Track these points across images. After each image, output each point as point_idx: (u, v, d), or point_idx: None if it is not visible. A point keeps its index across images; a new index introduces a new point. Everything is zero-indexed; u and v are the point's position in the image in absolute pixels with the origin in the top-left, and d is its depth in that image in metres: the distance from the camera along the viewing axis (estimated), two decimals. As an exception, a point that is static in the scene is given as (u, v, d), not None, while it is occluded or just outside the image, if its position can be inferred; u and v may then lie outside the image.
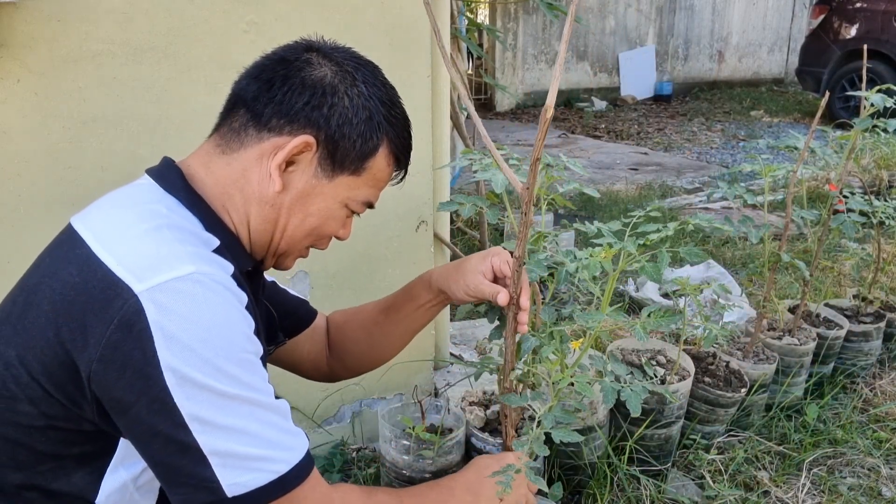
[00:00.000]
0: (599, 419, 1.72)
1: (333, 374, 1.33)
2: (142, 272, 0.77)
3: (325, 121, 0.92)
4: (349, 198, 0.97)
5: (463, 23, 2.89)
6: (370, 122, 0.94)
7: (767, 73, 11.72)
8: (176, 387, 0.75)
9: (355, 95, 0.94)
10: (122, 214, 0.86)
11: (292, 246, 0.99)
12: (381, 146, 0.97)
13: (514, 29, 9.05)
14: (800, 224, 2.00)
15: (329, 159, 0.94)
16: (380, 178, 0.99)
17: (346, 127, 0.93)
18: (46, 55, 1.33)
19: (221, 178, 0.93)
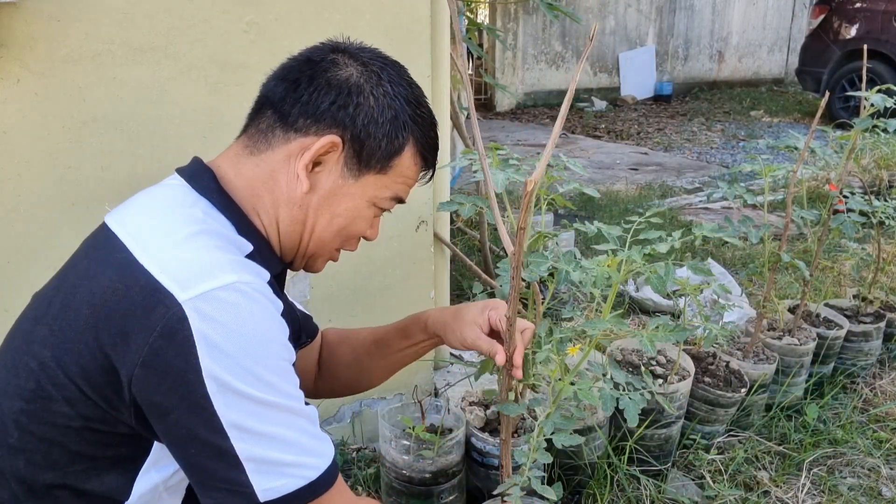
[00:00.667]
0: (599, 419, 1.72)
1: (318, 392, 1.33)
2: (185, 281, 0.78)
3: (351, 120, 0.92)
4: (376, 196, 0.98)
5: (463, 23, 2.89)
6: (395, 121, 0.95)
7: (767, 73, 11.72)
8: (217, 394, 0.76)
9: (381, 95, 0.94)
10: (160, 218, 0.87)
11: (321, 247, 1.00)
12: (407, 145, 0.97)
13: (514, 29, 9.05)
14: (800, 224, 2.00)
15: (355, 158, 0.94)
16: (407, 176, 1.00)
17: (372, 126, 0.93)
18: (46, 55, 1.33)
19: (251, 179, 0.94)
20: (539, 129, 7.90)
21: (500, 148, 1.23)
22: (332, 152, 0.93)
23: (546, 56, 9.43)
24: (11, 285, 1.39)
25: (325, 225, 0.97)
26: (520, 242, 0.97)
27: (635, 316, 2.81)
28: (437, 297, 1.94)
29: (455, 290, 2.55)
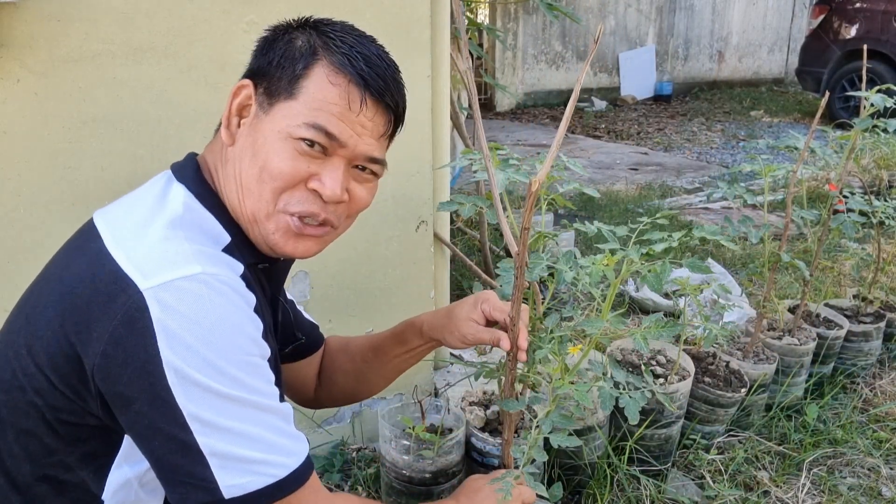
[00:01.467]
0: (599, 419, 1.72)
1: (318, 401, 1.32)
2: (149, 269, 0.77)
3: (257, 59, 0.92)
4: (287, 124, 0.87)
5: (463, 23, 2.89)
6: (301, 47, 0.90)
7: (767, 73, 11.72)
8: (177, 386, 0.75)
9: (294, 33, 0.92)
10: (138, 210, 0.86)
11: (257, 202, 0.88)
12: (316, 64, 0.88)
13: (514, 29, 9.05)
14: (800, 224, 2.00)
15: (265, 95, 0.90)
16: (324, 100, 0.87)
17: (278, 58, 0.90)
18: (46, 55, 1.33)
19: (210, 155, 0.95)
20: (539, 129, 7.90)
21: (501, 148, 1.23)
22: (250, 103, 0.90)
23: (546, 56, 9.43)
24: (11, 285, 1.39)
25: (247, 167, 0.88)
26: (523, 242, 0.97)
27: (635, 316, 2.81)
28: (437, 297, 1.94)
29: (455, 290, 2.55)
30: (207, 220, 0.88)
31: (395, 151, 1.76)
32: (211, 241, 0.86)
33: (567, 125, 0.89)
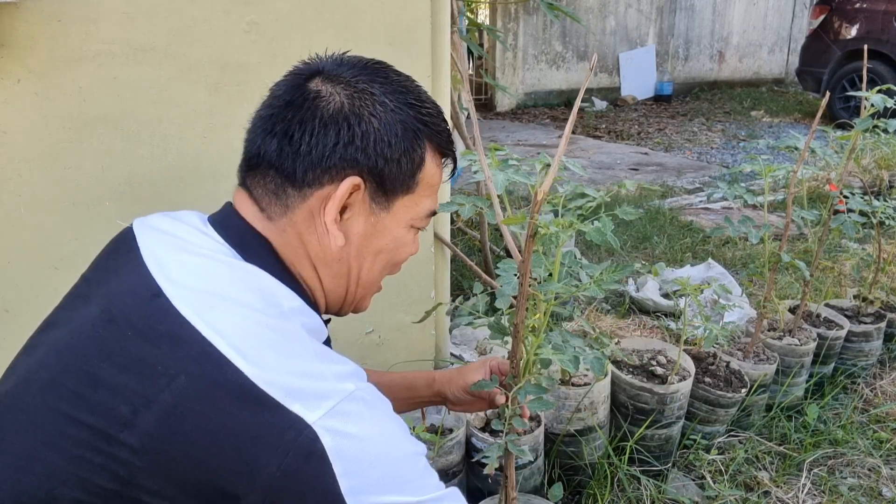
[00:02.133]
0: (600, 419, 1.72)
1: None
2: (310, 400, 0.72)
3: (363, 153, 0.84)
4: (412, 218, 0.91)
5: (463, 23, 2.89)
6: (406, 133, 0.86)
7: (768, 73, 11.72)
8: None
9: (381, 113, 0.85)
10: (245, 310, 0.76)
11: (370, 288, 0.96)
12: (426, 152, 0.89)
13: (514, 29, 9.05)
14: (800, 224, 2.00)
15: (380, 190, 0.86)
16: (434, 184, 0.92)
17: (387, 150, 0.85)
18: (47, 55, 1.33)
19: (283, 247, 0.87)
20: (539, 129, 7.90)
21: (500, 148, 1.23)
22: (356, 193, 0.85)
23: (546, 56, 9.43)
24: (11, 285, 1.39)
25: (370, 266, 0.91)
26: (528, 250, 0.97)
27: (636, 316, 2.81)
28: (437, 297, 1.94)
29: (455, 290, 2.55)
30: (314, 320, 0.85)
31: (396, 151, 1.76)
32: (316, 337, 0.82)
33: (570, 132, 0.89)
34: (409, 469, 0.78)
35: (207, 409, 0.70)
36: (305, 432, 0.71)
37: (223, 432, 0.70)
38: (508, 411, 1.14)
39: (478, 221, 2.90)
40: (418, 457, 0.80)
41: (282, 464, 0.70)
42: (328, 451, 0.71)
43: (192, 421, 0.70)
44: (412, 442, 0.81)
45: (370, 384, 0.80)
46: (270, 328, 0.75)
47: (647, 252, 3.60)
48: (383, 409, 0.79)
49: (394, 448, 0.77)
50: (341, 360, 0.81)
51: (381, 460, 0.75)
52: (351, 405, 0.74)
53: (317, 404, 0.72)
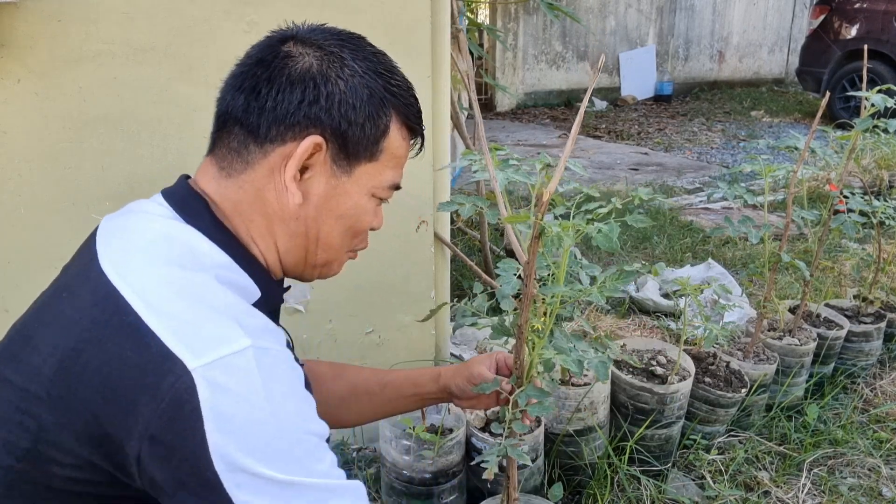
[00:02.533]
0: (600, 419, 1.72)
1: None
2: (197, 346, 0.71)
3: (327, 114, 0.84)
4: (374, 187, 0.90)
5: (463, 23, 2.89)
6: (372, 99, 0.86)
7: (768, 73, 11.72)
8: (227, 473, 0.69)
9: (349, 76, 0.85)
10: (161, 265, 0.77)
11: (332, 253, 0.93)
12: (392, 122, 0.89)
13: (514, 29, 9.05)
14: (800, 224, 2.00)
15: (342, 153, 0.86)
16: (398, 156, 0.92)
17: (351, 113, 0.85)
18: (47, 55, 1.33)
19: (238, 204, 0.86)
20: (539, 129, 7.90)
21: (501, 148, 1.23)
22: (317, 153, 0.85)
23: (546, 56, 9.43)
24: (11, 285, 1.39)
25: (330, 230, 0.90)
26: (532, 252, 0.98)
27: (636, 316, 2.81)
28: (437, 297, 1.94)
29: (455, 290, 2.55)
30: (240, 276, 0.83)
31: (396, 151, 1.76)
32: (244, 297, 0.81)
33: (576, 133, 0.89)
34: (292, 445, 0.73)
35: (100, 350, 0.72)
36: (184, 378, 0.69)
37: (112, 374, 0.71)
38: (509, 415, 1.14)
39: (478, 221, 2.90)
40: (310, 436, 0.75)
41: (157, 409, 0.69)
42: (202, 403, 0.68)
43: (86, 362, 0.72)
44: (308, 419, 0.76)
45: (281, 348, 0.77)
46: (180, 278, 0.76)
47: (647, 252, 3.60)
48: (282, 376, 0.74)
49: (279, 417, 0.72)
50: (253, 317, 0.78)
51: (259, 426, 0.70)
52: (241, 360, 0.71)
53: (202, 352, 0.70)
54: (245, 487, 0.69)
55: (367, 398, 1.23)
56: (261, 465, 0.70)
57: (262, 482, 0.70)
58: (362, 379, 1.25)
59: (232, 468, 0.69)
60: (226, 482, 0.69)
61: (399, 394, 1.23)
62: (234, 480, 0.69)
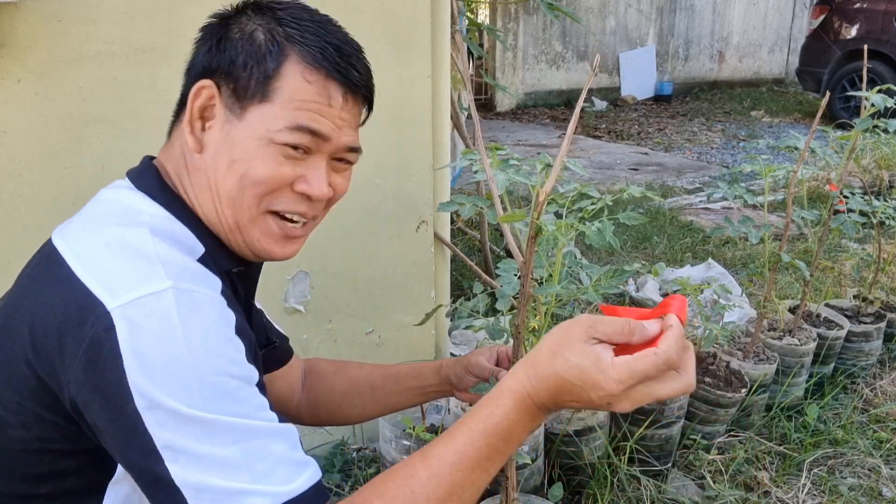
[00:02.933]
0: (599, 419, 1.72)
1: (299, 417, 1.25)
2: (116, 287, 0.72)
3: (216, 59, 0.84)
4: (268, 130, 0.83)
5: (463, 23, 2.89)
6: (265, 42, 0.84)
7: (768, 73, 11.72)
8: (146, 410, 0.69)
9: (248, 23, 0.85)
10: (101, 226, 0.81)
11: (237, 209, 0.85)
12: (286, 61, 0.83)
13: (514, 29, 9.05)
14: (800, 224, 2.00)
15: (233, 97, 0.84)
16: (302, 99, 0.84)
17: (241, 56, 0.83)
18: (47, 55, 1.33)
19: (171, 164, 0.89)
20: (539, 129, 7.90)
21: (501, 148, 1.23)
22: (214, 104, 0.84)
23: (546, 56, 9.43)
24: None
25: (224, 178, 0.84)
26: (530, 251, 0.98)
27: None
28: (437, 297, 1.94)
29: (455, 290, 2.55)
30: (178, 230, 0.83)
31: (395, 151, 1.76)
32: (186, 252, 0.81)
33: (572, 133, 0.89)
34: (212, 383, 0.71)
35: (33, 302, 0.76)
36: (103, 318, 0.70)
37: (41, 322, 0.74)
38: None
39: (478, 221, 2.90)
40: (231, 378, 0.74)
41: (79, 350, 0.70)
42: (121, 342, 0.69)
43: (21, 315, 0.76)
44: (231, 361, 0.75)
45: (208, 292, 0.77)
46: (114, 234, 0.78)
47: (647, 252, 3.60)
48: (202, 317, 0.74)
49: (197, 357, 0.71)
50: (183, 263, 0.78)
51: (177, 364, 0.70)
52: (160, 301, 0.71)
53: (121, 292, 0.71)
54: (165, 426, 0.69)
55: (369, 392, 1.22)
56: (178, 402, 0.69)
57: (182, 420, 0.69)
58: (364, 373, 1.24)
59: (151, 405, 0.69)
60: (146, 419, 0.69)
61: (401, 387, 1.22)
62: (154, 418, 0.69)
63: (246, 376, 0.76)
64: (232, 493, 0.70)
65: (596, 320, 0.78)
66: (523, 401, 0.78)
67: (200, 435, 0.70)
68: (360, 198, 1.73)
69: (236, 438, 0.71)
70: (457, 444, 0.78)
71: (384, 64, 1.64)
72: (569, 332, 0.77)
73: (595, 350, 0.75)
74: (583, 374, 0.74)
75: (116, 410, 0.70)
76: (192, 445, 0.70)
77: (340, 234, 1.73)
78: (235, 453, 0.71)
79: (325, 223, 1.01)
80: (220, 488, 0.70)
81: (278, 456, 0.74)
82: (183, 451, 0.70)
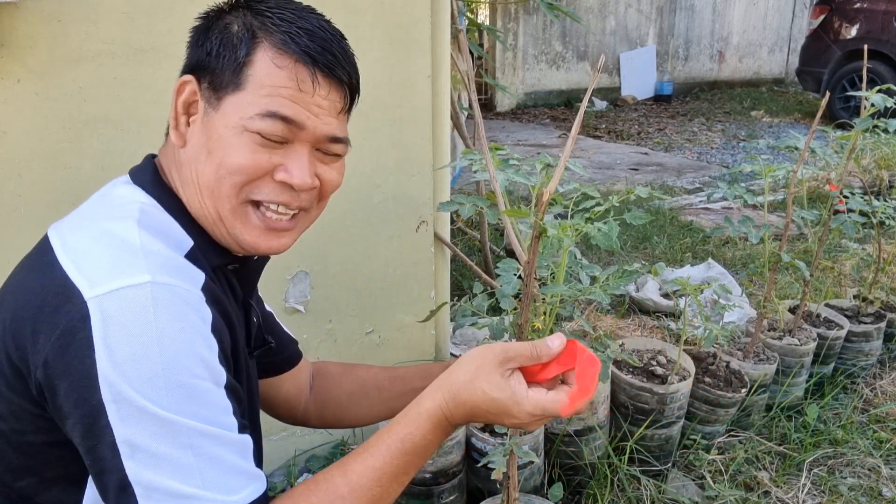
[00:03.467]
0: (600, 419, 1.72)
1: (307, 420, 1.26)
2: (95, 277, 0.73)
3: (197, 52, 0.86)
4: (241, 118, 0.82)
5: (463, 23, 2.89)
6: (238, 33, 0.84)
7: (768, 73, 11.72)
8: (111, 403, 0.70)
9: (226, 17, 0.86)
10: (92, 218, 0.82)
11: (218, 200, 0.85)
12: (257, 49, 0.83)
13: (514, 29, 9.05)
14: (800, 224, 2.00)
15: (210, 90, 0.85)
16: (273, 85, 0.83)
17: (211, 46, 0.85)
18: (47, 55, 1.33)
19: (166, 160, 0.90)
20: (539, 129, 7.90)
21: (501, 148, 1.23)
22: (195, 99, 0.85)
23: (546, 56, 9.43)
24: (11, 285, 1.39)
25: (203, 168, 0.84)
26: (533, 251, 0.98)
27: (635, 316, 2.81)
28: (437, 297, 1.94)
29: (455, 290, 2.55)
30: (168, 223, 0.84)
31: (395, 151, 1.76)
32: (173, 246, 0.81)
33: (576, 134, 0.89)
34: (179, 384, 0.72)
35: (19, 287, 0.78)
36: (79, 307, 0.71)
37: (20, 307, 0.76)
38: None
39: (478, 221, 2.90)
40: (199, 380, 0.74)
41: (52, 336, 0.71)
42: (94, 333, 0.70)
43: (8, 301, 0.78)
44: (201, 362, 0.75)
45: (187, 287, 0.77)
46: (102, 225, 0.80)
47: (647, 252, 3.60)
48: (178, 314, 0.74)
49: (168, 355, 0.71)
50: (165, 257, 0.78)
51: (147, 361, 0.70)
52: (136, 294, 0.72)
53: (99, 283, 0.72)
54: (126, 420, 0.70)
55: (376, 393, 1.22)
56: (144, 399, 0.70)
57: (144, 416, 0.70)
58: (371, 375, 1.24)
59: (117, 398, 0.70)
60: (110, 412, 0.70)
61: (408, 387, 1.22)
62: (119, 412, 0.70)
63: (215, 378, 0.76)
64: (181, 496, 0.71)
65: (506, 348, 0.85)
66: (440, 422, 0.85)
67: (160, 434, 0.70)
68: (360, 198, 1.73)
69: (193, 443, 0.72)
70: (375, 461, 0.84)
71: (384, 64, 1.64)
72: (484, 363, 0.85)
73: (510, 385, 0.83)
74: (500, 406, 0.83)
75: (82, 398, 0.70)
76: (150, 444, 0.70)
77: (340, 234, 1.73)
78: (190, 457, 0.72)
79: (324, 223, 1.01)
80: (171, 490, 0.70)
81: (230, 465, 0.74)
82: (140, 448, 0.70)
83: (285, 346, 1.19)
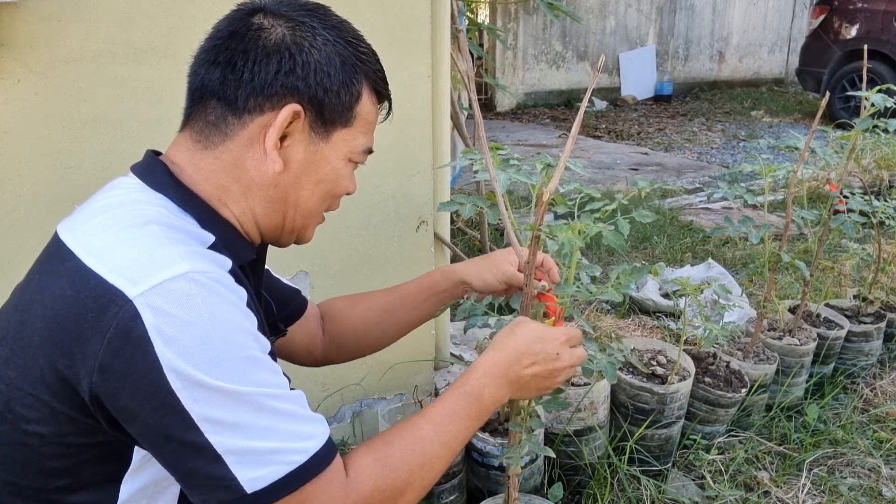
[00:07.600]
0: (600, 419, 1.72)
1: (327, 358, 1.32)
2: (135, 276, 0.75)
3: (303, 82, 0.88)
4: (350, 151, 0.94)
5: (463, 23, 2.89)
6: (345, 66, 0.90)
7: (768, 73, 11.72)
8: (182, 389, 0.73)
9: (321, 45, 0.89)
10: (110, 219, 0.83)
11: (309, 217, 0.97)
12: (363, 90, 0.93)
13: (514, 29, 9.05)
14: (800, 224, 2.00)
15: (319, 119, 0.90)
16: (370, 121, 0.96)
17: (326, 80, 0.89)
18: (46, 55, 1.33)
19: (212, 173, 0.90)
20: (539, 129, 7.90)
21: (501, 148, 1.23)
22: (296, 122, 0.88)
23: (546, 56, 9.43)
24: (12, 285, 1.39)
25: (309, 195, 0.94)
26: (533, 250, 0.98)
27: (635, 316, 2.81)
28: (438, 298, 1.94)
29: (455, 290, 2.54)
30: (186, 222, 0.86)
31: (396, 151, 1.76)
32: (195, 240, 0.84)
33: (576, 134, 0.89)
34: (238, 358, 0.77)
35: (45, 296, 0.78)
36: (126, 307, 0.73)
37: (56, 315, 0.76)
38: (524, 412, 1.14)
39: (478, 221, 2.90)
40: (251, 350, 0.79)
41: (103, 340, 0.73)
42: (148, 328, 0.72)
43: (35, 310, 0.78)
44: (250, 335, 0.80)
45: (221, 271, 0.81)
46: (124, 228, 0.80)
47: (647, 252, 3.60)
48: (221, 297, 0.78)
49: (223, 335, 0.76)
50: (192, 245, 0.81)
51: (206, 344, 0.74)
52: (180, 284, 0.75)
53: (141, 280, 0.74)
54: (201, 401, 0.74)
55: (388, 316, 1.29)
56: (212, 378, 0.74)
57: (215, 393, 0.75)
58: (378, 300, 1.30)
59: (187, 383, 0.73)
60: (182, 398, 0.74)
61: (417, 301, 1.29)
62: (191, 395, 0.74)
63: (262, 347, 0.82)
64: (268, 452, 0.78)
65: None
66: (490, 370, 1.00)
67: (234, 406, 0.76)
68: (360, 198, 1.73)
69: (264, 405, 0.78)
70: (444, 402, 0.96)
71: (384, 64, 1.64)
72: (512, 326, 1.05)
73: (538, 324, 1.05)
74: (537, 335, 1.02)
75: (149, 394, 0.73)
76: (228, 416, 0.76)
77: (340, 234, 1.73)
78: (266, 418, 0.78)
79: (324, 223, 1.02)
80: (258, 449, 0.77)
81: (298, 416, 0.82)
82: (219, 422, 0.75)
83: (289, 299, 1.23)
